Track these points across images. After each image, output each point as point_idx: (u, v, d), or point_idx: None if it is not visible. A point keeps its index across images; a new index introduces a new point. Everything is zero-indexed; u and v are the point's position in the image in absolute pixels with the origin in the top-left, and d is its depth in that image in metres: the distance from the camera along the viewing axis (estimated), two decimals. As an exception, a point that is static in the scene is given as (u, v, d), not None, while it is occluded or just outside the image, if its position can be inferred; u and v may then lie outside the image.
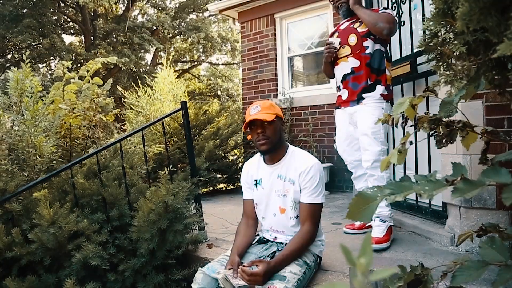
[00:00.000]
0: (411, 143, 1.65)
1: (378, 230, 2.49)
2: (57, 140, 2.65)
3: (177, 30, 17.03)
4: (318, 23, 5.47)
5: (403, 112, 1.09)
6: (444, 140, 1.15)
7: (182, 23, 16.99)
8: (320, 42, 5.39)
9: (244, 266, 1.78)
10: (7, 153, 2.36)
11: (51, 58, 15.42)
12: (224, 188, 5.91)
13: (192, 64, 20.40)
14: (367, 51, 2.50)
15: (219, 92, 19.80)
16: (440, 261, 2.13)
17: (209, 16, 17.78)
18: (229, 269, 1.87)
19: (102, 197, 2.44)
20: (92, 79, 3.48)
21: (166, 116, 3.07)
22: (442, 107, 1.13)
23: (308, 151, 4.91)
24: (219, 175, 5.36)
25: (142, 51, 16.15)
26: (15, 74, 2.42)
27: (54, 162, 2.62)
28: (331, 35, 2.76)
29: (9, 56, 14.92)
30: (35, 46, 14.39)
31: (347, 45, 2.58)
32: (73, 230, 2.10)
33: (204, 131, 5.62)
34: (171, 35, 17.75)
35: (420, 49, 1.14)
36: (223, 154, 5.64)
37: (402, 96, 3.02)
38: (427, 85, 2.64)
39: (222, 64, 20.68)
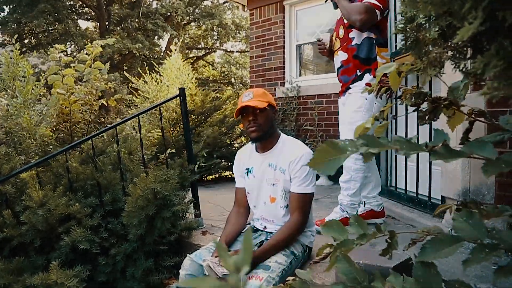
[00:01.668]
0: (394, 117, 1.59)
1: (333, 216, 2.54)
2: (52, 124, 2.66)
3: (191, 17, 16.97)
4: (328, 11, 5.32)
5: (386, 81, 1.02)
6: (427, 117, 1.08)
7: (196, 10, 16.92)
8: (330, 30, 5.28)
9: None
10: (4, 136, 2.39)
11: (67, 43, 15.58)
12: (229, 176, 5.91)
13: (206, 51, 20.35)
14: (353, 43, 2.43)
15: (232, 80, 19.76)
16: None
17: (224, 2, 17.65)
18: (216, 257, 1.87)
19: (97, 182, 2.45)
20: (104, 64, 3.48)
21: (164, 102, 3.06)
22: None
23: (314, 141, 4.89)
24: (224, 162, 5.35)
25: (156, 37, 16.17)
26: (5, 58, 2.43)
27: (51, 146, 2.64)
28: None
29: (25, 41, 15.11)
30: (51, 31, 14.53)
31: (338, 38, 2.53)
32: (64, 213, 2.12)
33: (210, 118, 5.61)
34: (185, 22, 17.71)
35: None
36: (229, 142, 5.62)
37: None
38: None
39: (236, 52, 20.59)
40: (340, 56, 2.50)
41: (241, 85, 18.91)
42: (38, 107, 2.75)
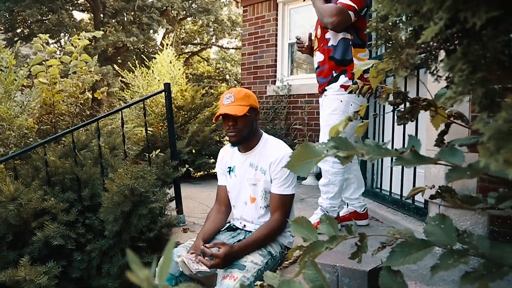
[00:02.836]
0: (375, 115, 1.57)
1: (314, 217, 2.52)
2: (35, 115, 2.60)
3: (187, 12, 16.86)
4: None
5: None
6: (406, 117, 1.06)
7: (193, 5, 16.81)
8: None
9: (205, 247, 1.75)
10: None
11: (61, 34, 15.40)
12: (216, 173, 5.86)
13: (202, 47, 20.26)
14: (329, 43, 2.37)
15: (227, 77, 19.70)
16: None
17: (220, -1, 17.55)
18: (192, 253, 1.84)
19: (76, 176, 2.41)
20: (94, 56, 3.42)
21: (148, 97, 3.01)
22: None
23: (303, 140, 4.87)
24: (212, 160, 5.31)
25: (151, 31, 16.05)
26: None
27: (31, 139, 2.59)
28: None
29: (18, 31, 14.92)
30: (44, 21, 14.35)
31: (316, 38, 2.49)
32: (38, 208, 2.07)
33: (200, 114, 5.56)
34: (181, 17, 17.60)
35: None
36: (218, 139, 5.58)
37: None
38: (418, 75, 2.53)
39: (232, 48, 20.52)
40: (317, 57, 2.46)
41: (235, 82, 18.86)
42: (20, 98, 2.69)
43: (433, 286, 1.77)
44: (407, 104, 1.07)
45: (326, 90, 2.43)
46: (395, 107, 1.09)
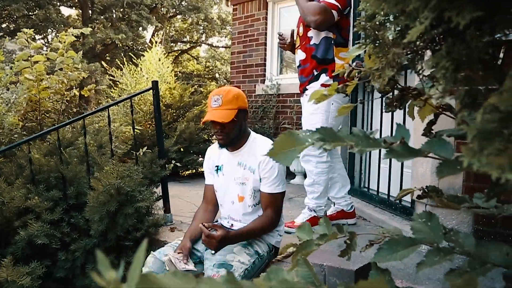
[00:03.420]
0: (361, 102, 1.57)
1: (301, 216, 2.55)
2: (20, 112, 2.55)
3: (177, 10, 16.75)
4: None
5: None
6: (394, 104, 1.05)
7: (183, 2, 16.71)
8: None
9: (203, 225, 1.75)
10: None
11: (49, 30, 15.17)
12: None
13: (191, 45, 20.16)
14: (311, 42, 2.36)
15: (217, 75, 19.63)
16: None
17: (210, -4, 17.47)
18: (178, 253, 1.84)
19: (61, 174, 2.37)
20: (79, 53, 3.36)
21: (136, 95, 2.98)
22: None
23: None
24: (201, 158, 5.29)
25: (140, 28, 15.91)
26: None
27: (16, 135, 2.54)
28: None
29: (3, 26, 14.65)
30: (31, 16, 14.12)
31: (298, 36, 2.48)
32: (21, 206, 2.03)
33: (189, 112, 5.53)
34: (171, 14, 17.48)
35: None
36: (206, 137, 5.56)
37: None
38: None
39: (222, 47, 20.45)
40: (299, 55, 2.45)
41: (225, 80, 18.81)
42: (6, 95, 2.63)
43: (419, 285, 1.78)
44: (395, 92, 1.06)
45: (307, 89, 2.42)
46: (383, 95, 1.09)
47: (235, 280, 0.46)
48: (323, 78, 2.35)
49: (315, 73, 2.37)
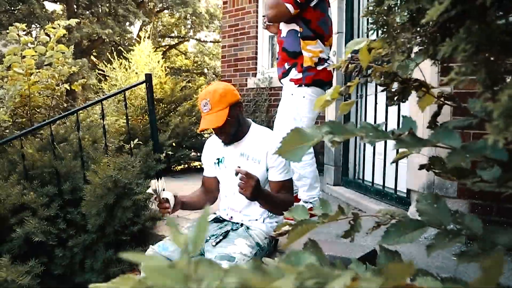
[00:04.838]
0: (360, 96, 1.57)
1: None
2: (10, 107, 2.50)
3: (165, 4, 16.57)
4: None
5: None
6: (396, 97, 1.05)
7: (170, -3, 16.52)
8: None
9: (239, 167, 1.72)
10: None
11: (32, 25, 14.86)
12: (198, 166, 5.81)
13: (179, 40, 19.98)
14: (282, 35, 2.41)
15: (205, 70, 19.52)
16: (397, 247, 2.10)
17: (198, -10, 17.31)
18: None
19: (55, 170, 2.33)
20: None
21: (129, 88, 2.94)
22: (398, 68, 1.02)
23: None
24: (193, 153, 5.26)
25: (127, 23, 15.70)
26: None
27: (7, 131, 2.49)
28: None
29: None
30: (13, 11, 13.81)
31: (278, 28, 2.52)
32: (17, 203, 1.99)
33: (180, 107, 5.48)
34: (158, 9, 17.28)
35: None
36: (198, 132, 5.52)
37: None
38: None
39: (210, 42, 20.31)
40: (277, 48, 2.50)
41: (214, 75, 18.71)
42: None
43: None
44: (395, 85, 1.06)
45: (284, 84, 2.47)
46: (377, 89, 1.09)
47: (260, 266, 0.45)
48: (293, 72, 2.39)
49: (287, 67, 2.41)
